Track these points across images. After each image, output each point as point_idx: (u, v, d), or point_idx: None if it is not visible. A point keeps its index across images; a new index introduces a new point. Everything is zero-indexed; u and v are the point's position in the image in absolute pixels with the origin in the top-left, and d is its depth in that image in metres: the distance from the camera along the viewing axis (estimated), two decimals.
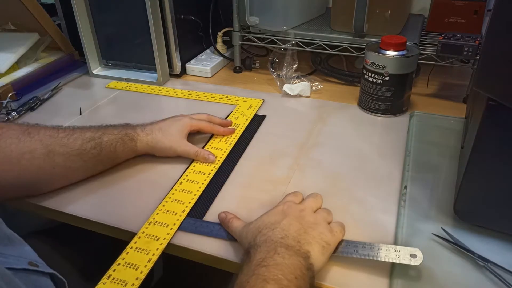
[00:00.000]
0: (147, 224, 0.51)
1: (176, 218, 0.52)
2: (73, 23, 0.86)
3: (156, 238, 0.49)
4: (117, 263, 0.46)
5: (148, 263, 0.46)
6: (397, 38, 0.69)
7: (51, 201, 0.55)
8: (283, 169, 0.61)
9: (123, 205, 0.55)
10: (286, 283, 0.37)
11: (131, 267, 0.45)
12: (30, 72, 0.87)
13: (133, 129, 0.60)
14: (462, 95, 0.78)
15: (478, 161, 0.44)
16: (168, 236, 0.49)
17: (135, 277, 0.44)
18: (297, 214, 0.46)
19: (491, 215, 0.47)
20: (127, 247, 0.48)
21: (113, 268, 0.45)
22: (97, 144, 0.56)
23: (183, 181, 0.58)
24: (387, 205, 0.53)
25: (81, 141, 0.55)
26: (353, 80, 0.86)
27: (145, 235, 0.49)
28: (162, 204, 0.54)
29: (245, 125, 0.71)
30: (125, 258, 0.46)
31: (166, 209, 0.53)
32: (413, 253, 0.43)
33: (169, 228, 0.50)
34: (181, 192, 0.56)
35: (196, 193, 0.56)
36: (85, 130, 0.57)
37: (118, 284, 0.43)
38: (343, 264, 0.45)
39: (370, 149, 0.65)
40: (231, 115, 0.74)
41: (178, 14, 0.85)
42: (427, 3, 0.84)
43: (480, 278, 0.43)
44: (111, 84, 0.89)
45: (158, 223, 0.51)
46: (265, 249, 0.41)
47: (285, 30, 0.86)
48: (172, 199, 0.55)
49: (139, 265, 0.45)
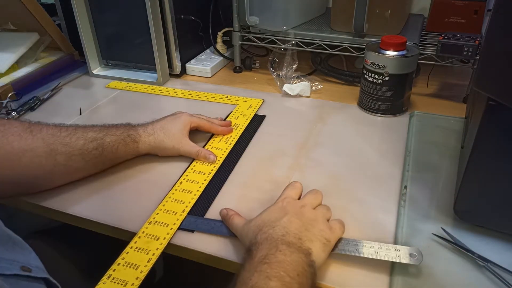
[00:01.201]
0: (147, 224, 0.51)
1: (176, 218, 0.52)
2: (73, 23, 0.86)
3: (156, 238, 0.49)
4: (117, 263, 0.46)
5: (148, 262, 0.46)
6: (397, 38, 0.69)
7: (52, 201, 0.55)
8: (283, 169, 0.61)
9: (124, 205, 0.55)
10: (288, 280, 0.37)
11: (131, 267, 0.45)
12: (30, 72, 0.87)
13: (135, 130, 0.60)
14: (462, 95, 0.78)
15: (478, 161, 0.44)
16: (168, 236, 0.49)
17: (135, 277, 0.44)
18: (297, 210, 0.46)
19: (491, 215, 0.47)
20: (127, 247, 0.48)
21: (113, 268, 0.45)
22: (99, 144, 0.56)
23: (183, 181, 0.58)
24: (387, 205, 0.53)
25: (83, 141, 0.55)
26: (353, 80, 0.86)
27: (145, 235, 0.49)
28: (162, 204, 0.54)
29: (245, 125, 0.71)
30: (125, 257, 0.46)
31: (166, 208, 0.53)
32: (413, 253, 0.43)
33: (169, 228, 0.50)
34: (181, 192, 0.56)
35: (196, 192, 0.56)
36: (88, 130, 0.57)
37: (118, 283, 0.43)
38: (343, 263, 0.45)
39: (370, 149, 0.65)
40: (231, 115, 0.75)
41: (178, 14, 0.85)
42: (427, 3, 0.84)
43: (480, 278, 0.43)
44: (111, 84, 0.89)
45: (158, 223, 0.51)
46: (267, 246, 0.41)
47: (285, 30, 0.86)
48: (172, 199, 0.55)
49: (139, 265, 0.45)
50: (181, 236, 0.50)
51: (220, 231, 0.49)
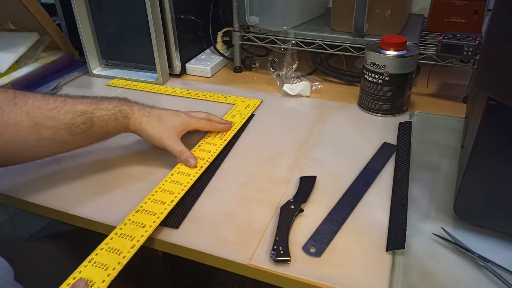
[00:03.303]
0: (134, 212, 0.52)
1: (164, 207, 0.52)
2: (73, 23, 0.86)
3: (142, 226, 0.49)
4: (100, 248, 0.47)
5: (131, 248, 0.46)
6: (397, 38, 0.69)
7: (53, 202, 0.56)
8: (283, 169, 0.61)
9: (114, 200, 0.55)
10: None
11: (114, 252, 0.46)
12: (30, 72, 0.87)
13: (130, 105, 0.59)
14: (462, 95, 0.78)
15: (478, 161, 0.44)
16: (155, 224, 0.49)
17: (117, 262, 0.45)
18: None
19: (491, 215, 0.47)
20: (111, 233, 0.48)
21: (95, 252, 0.46)
22: (88, 119, 0.54)
23: (174, 173, 0.59)
24: (387, 204, 0.53)
25: (71, 115, 0.52)
26: (353, 80, 0.86)
27: (132, 222, 0.50)
28: (151, 194, 0.55)
29: (241, 123, 0.71)
30: (109, 243, 0.47)
31: (155, 198, 0.54)
32: None
33: (156, 217, 0.51)
34: (171, 182, 0.57)
35: (184, 188, 0.56)
36: (77, 102, 0.54)
37: (99, 267, 0.44)
38: (344, 263, 0.45)
39: (370, 149, 0.65)
40: (227, 114, 0.75)
41: (178, 14, 0.85)
42: (427, 3, 0.84)
43: (480, 278, 0.43)
44: (112, 82, 0.90)
45: (145, 211, 0.51)
46: None
47: (285, 30, 0.86)
48: (162, 189, 0.55)
49: (122, 251, 0.46)
50: (166, 231, 0.50)
51: None
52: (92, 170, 0.61)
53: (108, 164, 0.63)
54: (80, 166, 0.62)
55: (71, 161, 0.63)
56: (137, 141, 0.66)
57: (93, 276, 0.43)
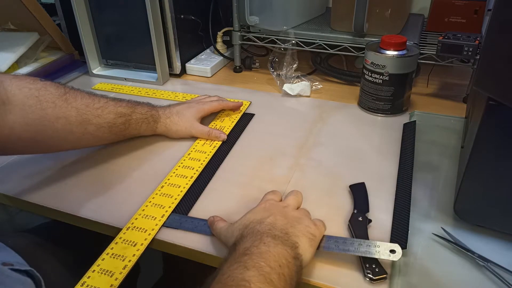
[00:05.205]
0: (136, 215, 0.52)
1: (165, 210, 0.52)
2: (73, 23, 0.86)
3: (144, 231, 0.49)
4: (106, 253, 0.47)
5: (133, 256, 0.46)
6: (397, 38, 0.69)
7: (53, 201, 0.56)
8: (283, 169, 0.61)
9: (116, 202, 0.55)
10: (268, 270, 0.37)
11: (117, 258, 0.46)
12: (30, 71, 0.87)
13: (156, 110, 0.66)
14: (462, 94, 0.78)
15: (478, 161, 0.44)
16: (157, 227, 0.50)
17: (122, 267, 0.45)
18: (281, 210, 0.46)
19: (491, 215, 0.47)
20: (114, 240, 0.49)
21: (102, 257, 0.46)
22: (126, 120, 0.61)
23: (174, 173, 0.59)
24: (387, 204, 0.53)
25: (113, 115, 0.59)
26: (353, 80, 0.86)
27: (133, 226, 0.50)
28: (151, 197, 0.55)
29: (232, 125, 0.71)
30: (114, 248, 0.48)
31: (155, 202, 0.54)
32: (392, 249, 0.43)
33: (158, 220, 0.51)
34: (169, 186, 0.57)
35: (183, 189, 0.56)
36: (118, 105, 0.60)
37: (105, 274, 0.44)
38: (344, 263, 0.45)
39: (370, 149, 0.65)
40: (216, 118, 0.74)
41: (178, 14, 0.85)
42: (427, 2, 0.84)
43: (480, 278, 0.43)
44: (98, 86, 0.88)
45: (146, 216, 0.52)
46: (251, 239, 0.41)
47: (285, 30, 0.86)
48: (161, 193, 0.56)
49: (126, 256, 0.46)
50: (166, 231, 0.50)
51: (204, 231, 0.50)
52: (92, 170, 0.62)
53: (108, 165, 0.63)
54: (80, 166, 0.62)
55: (72, 161, 0.63)
56: (137, 142, 0.66)
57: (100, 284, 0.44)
